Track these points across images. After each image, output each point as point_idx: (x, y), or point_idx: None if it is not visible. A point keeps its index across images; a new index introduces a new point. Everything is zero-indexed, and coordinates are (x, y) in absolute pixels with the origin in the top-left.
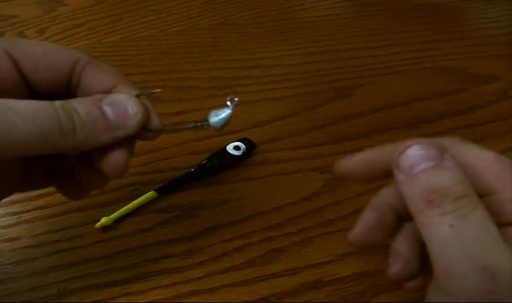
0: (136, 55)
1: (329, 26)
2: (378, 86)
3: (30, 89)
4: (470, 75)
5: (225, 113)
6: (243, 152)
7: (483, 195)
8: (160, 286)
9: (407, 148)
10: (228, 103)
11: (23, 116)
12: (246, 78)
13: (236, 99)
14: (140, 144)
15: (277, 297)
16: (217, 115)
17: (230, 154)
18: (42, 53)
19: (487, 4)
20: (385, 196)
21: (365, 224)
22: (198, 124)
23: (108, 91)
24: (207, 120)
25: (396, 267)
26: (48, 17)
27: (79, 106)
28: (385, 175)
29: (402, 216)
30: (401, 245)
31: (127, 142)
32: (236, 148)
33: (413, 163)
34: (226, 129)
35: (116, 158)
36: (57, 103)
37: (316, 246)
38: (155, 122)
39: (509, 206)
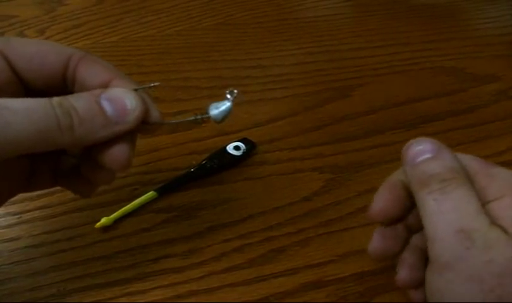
0: (136, 55)
1: (328, 26)
2: (378, 86)
3: (25, 87)
4: (470, 75)
5: (225, 105)
6: (243, 152)
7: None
8: (160, 286)
9: (411, 145)
10: (228, 96)
11: (20, 114)
12: (246, 78)
13: (235, 91)
14: (140, 144)
15: (277, 297)
16: (217, 108)
17: (230, 154)
18: (35, 51)
19: (487, 4)
20: (397, 175)
21: (380, 198)
22: (199, 117)
23: (105, 86)
24: (207, 113)
25: (402, 273)
26: (48, 17)
27: (77, 102)
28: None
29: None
30: (408, 254)
31: (128, 136)
32: (236, 148)
33: (414, 155)
34: (226, 123)
35: (118, 152)
36: (55, 99)
37: (317, 246)
38: (155, 115)
39: (481, 193)
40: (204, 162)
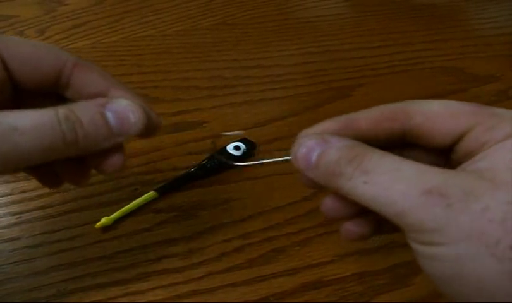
0: (136, 55)
1: (329, 26)
2: (378, 86)
3: (15, 85)
4: (470, 75)
5: None
6: (243, 152)
7: (455, 142)
8: (160, 286)
9: (296, 153)
10: None
11: (28, 135)
12: (246, 78)
13: None
14: (140, 144)
15: (277, 297)
16: None
17: (230, 154)
18: (30, 52)
19: (486, 4)
20: None
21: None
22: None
23: (102, 95)
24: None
25: (327, 200)
26: (48, 17)
27: (83, 115)
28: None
29: None
30: None
31: None
32: (236, 148)
33: (305, 159)
34: (226, 123)
35: (115, 158)
36: (61, 113)
37: (316, 246)
38: (156, 123)
39: (488, 134)
40: (204, 162)
